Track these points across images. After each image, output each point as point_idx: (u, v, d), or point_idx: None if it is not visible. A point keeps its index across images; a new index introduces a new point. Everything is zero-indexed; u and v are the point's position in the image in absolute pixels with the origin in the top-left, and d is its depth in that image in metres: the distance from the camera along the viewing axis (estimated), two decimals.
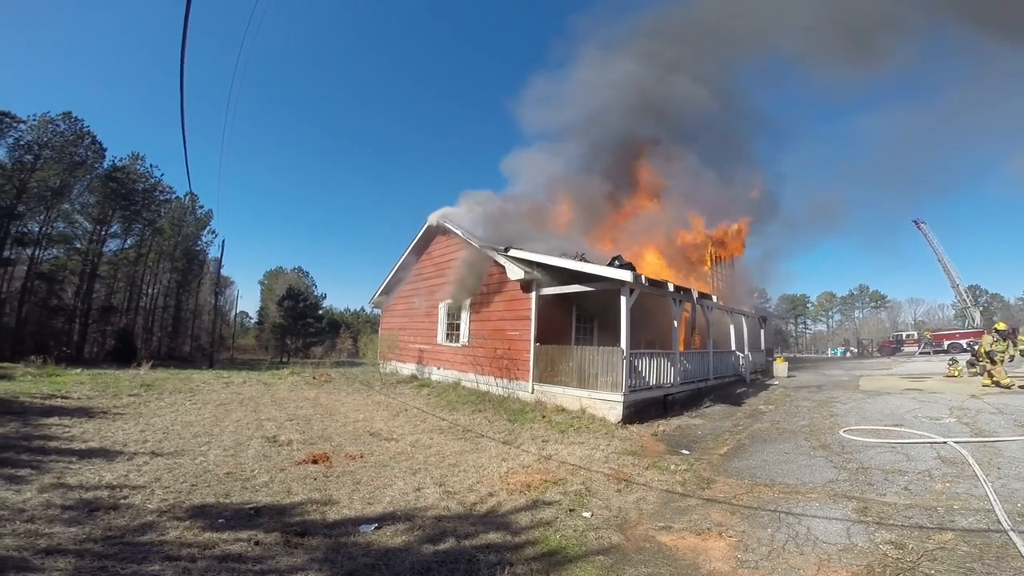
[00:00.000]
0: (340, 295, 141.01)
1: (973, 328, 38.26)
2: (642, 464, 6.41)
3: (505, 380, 11.61)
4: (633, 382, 9.69)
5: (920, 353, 36.40)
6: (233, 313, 59.07)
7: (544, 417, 9.33)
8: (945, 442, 6.68)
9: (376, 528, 4.18)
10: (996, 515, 4.10)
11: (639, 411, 9.58)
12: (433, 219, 15.42)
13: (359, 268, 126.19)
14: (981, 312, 46.68)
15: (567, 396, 10.19)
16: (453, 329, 14.60)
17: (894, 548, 3.69)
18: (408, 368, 16.34)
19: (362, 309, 58.32)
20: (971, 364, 16.12)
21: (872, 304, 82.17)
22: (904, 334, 44.31)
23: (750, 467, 6.26)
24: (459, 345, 13.91)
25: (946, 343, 35.30)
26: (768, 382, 16.70)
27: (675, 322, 11.47)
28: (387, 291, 18.93)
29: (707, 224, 18.88)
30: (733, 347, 16.28)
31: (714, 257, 18.83)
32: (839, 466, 6.03)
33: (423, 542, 3.93)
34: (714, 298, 14.04)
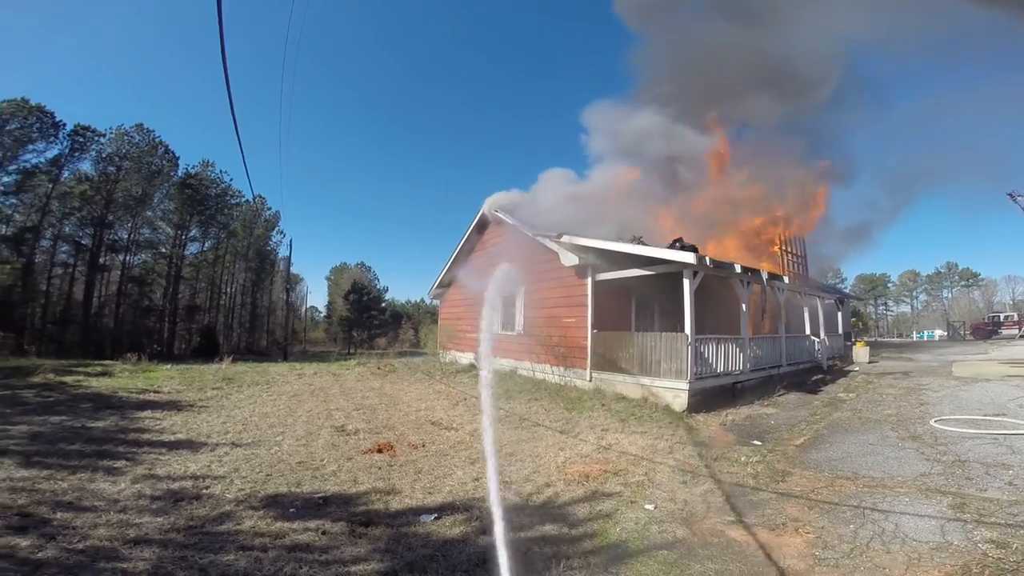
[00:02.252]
0: (401, 287, 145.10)
1: None
2: (710, 455, 6.15)
3: (561, 368, 11.51)
4: (699, 369, 9.33)
5: (1021, 336, 32.75)
6: (304, 308, 62.36)
7: (603, 405, 9.16)
8: None
9: (436, 518, 4.23)
10: None
11: (705, 399, 9.21)
12: (486, 208, 15.49)
13: (418, 259, 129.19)
14: None
15: (627, 384, 9.95)
16: (509, 318, 14.63)
17: (995, 547, 3.36)
18: (466, 357, 16.58)
19: (422, 300, 59.73)
20: None
21: (963, 283, 74.16)
22: (1002, 315, 39.98)
23: (830, 459, 5.86)
24: (515, 333, 13.93)
25: None
26: (848, 368, 15.63)
27: (743, 305, 10.93)
28: (444, 283, 19.25)
29: (779, 200, 17.80)
30: (808, 331, 15.33)
31: (784, 236, 17.69)
32: (932, 459, 5.56)
33: (479, 533, 3.93)
34: (785, 279, 13.28)
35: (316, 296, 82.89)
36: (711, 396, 9.43)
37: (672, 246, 10.34)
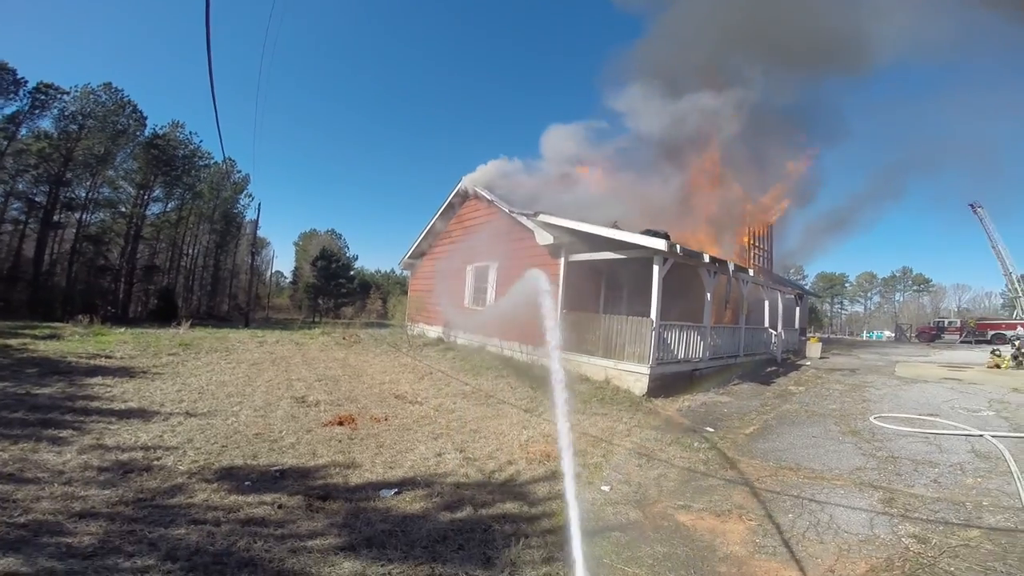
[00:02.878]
0: (371, 256, 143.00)
1: (1022, 319, 36.25)
2: (665, 440, 6.37)
3: (529, 347, 11.63)
4: (661, 354, 9.57)
5: (961, 342, 34.79)
6: (269, 273, 60.78)
7: (567, 387, 9.30)
8: (981, 435, 6.44)
9: (396, 493, 4.25)
10: None
11: (665, 385, 9.48)
12: (465, 182, 15.32)
13: (390, 229, 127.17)
14: None
15: (592, 365, 10.15)
16: (481, 293, 14.63)
17: (916, 542, 3.61)
18: (435, 331, 16.55)
19: (392, 271, 59.09)
20: (1015, 356, 15.35)
21: (915, 288, 78.18)
22: (946, 321, 42.23)
23: (776, 449, 6.15)
24: (485, 309, 13.95)
25: (990, 333, 33.58)
26: (800, 362, 16.28)
27: (708, 295, 11.21)
28: (416, 254, 19.08)
29: (749, 194, 18.15)
30: (766, 324, 15.86)
31: (752, 231, 18.14)
32: (868, 454, 5.89)
33: (441, 509, 3.99)
34: (750, 272, 13.64)
35: (283, 261, 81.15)
36: (670, 381, 9.71)
37: (645, 232, 10.47)
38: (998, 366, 15.11)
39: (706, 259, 10.49)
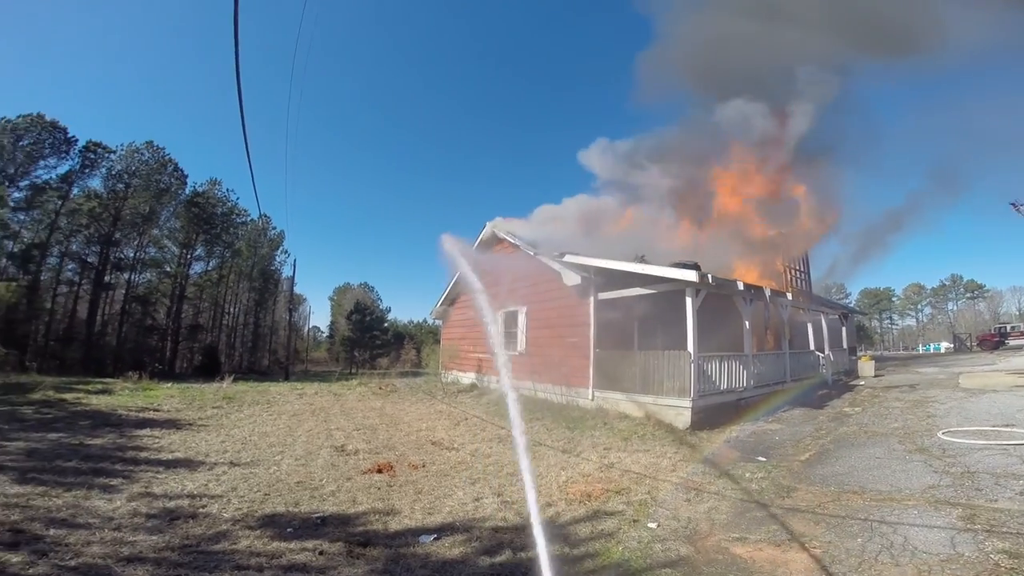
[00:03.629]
0: (403, 307, 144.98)
1: None
2: (713, 472, 6.09)
3: (564, 387, 11.44)
4: (702, 386, 9.27)
5: None
6: (306, 328, 62.37)
7: (605, 424, 9.08)
8: None
9: (435, 539, 4.17)
10: None
11: (709, 416, 9.12)
12: (489, 229, 15.59)
13: (421, 279, 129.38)
14: None
15: (630, 403, 9.87)
16: (510, 338, 14.61)
17: (1008, 557, 3.31)
18: (468, 377, 16.52)
19: (424, 320, 59.63)
20: None
21: (968, 295, 74.00)
22: (1009, 326, 39.62)
23: (836, 473, 5.79)
24: (516, 353, 13.89)
25: None
26: (853, 383, 15.46)
27: (746, 322, 10.92)
28: (447, 302, 19.28)
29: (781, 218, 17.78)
30: (812, 347, 15.24)
31: (788, 253, 17.68)
32: (940, 471, 5.49)
33: (480, 554, 3.88)
34: (788, 295, 13.25)
35: (319, 316, 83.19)
36: (715, 413, 9.34)
37: (675, 264, 10.35)
38: None
39: (740, 287, 10.27)
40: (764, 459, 6.70)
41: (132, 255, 32.98)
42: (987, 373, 15.96)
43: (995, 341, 36.32)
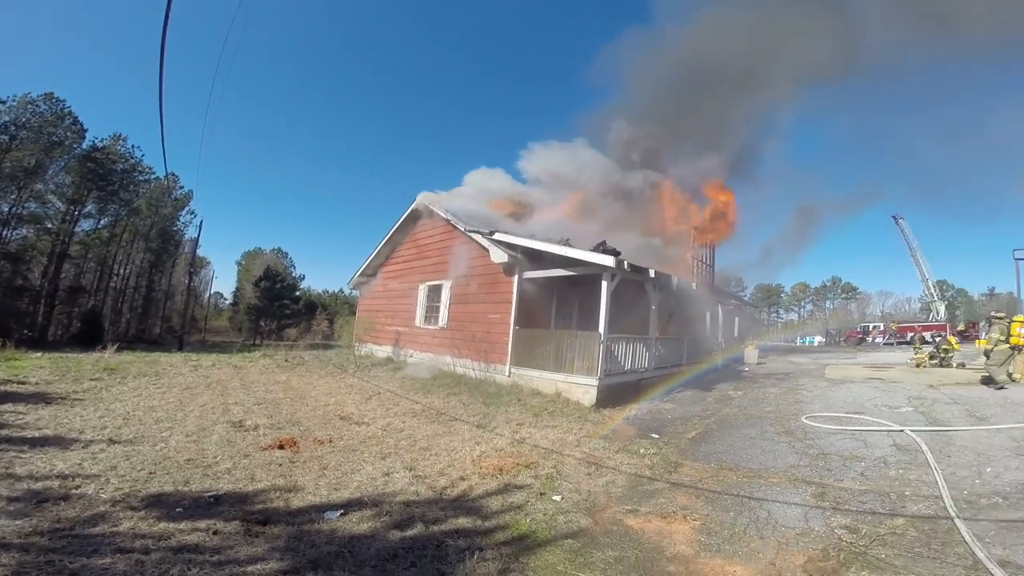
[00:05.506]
0: (319, 276, 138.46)
1: (937, 322, 39.70)
2: (612, 448, 6.48)
3: (482, 363, 11.59)
4: (608, 366, 9.77)
5: (884, 344, 37.74)
6: (207, 294, 57.71)
7: (519, 401, 9.35)
8: (902, 430, 6.86)
9: (342, 515, 4.12)
10: (944, 502, 4.24)
11: (613, 395, 9.67)
12: (420, 201, 15.25)
13: (340, 249, 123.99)
14: (946, 307, 48.30)
15: (543, 380, 10.22)
16: (432, 312, 14.52)
17: (848, 532, 3.79)
18: (384, 351, 16.22)
19: (341, 291, 57.28)
20: (932, 356, 16.65)
21: (843, 295, 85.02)
22: (870, 325, 45.82)
23: (716, 451, 6.37)
24: (437, 327, 13.84)
25: (909, 335, 36.53)
26: (739, 368, 17.04)
27: (653, 307, 11.60)
28: (367, 272, 18.71)
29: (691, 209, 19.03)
30: (708, 333, 16.52)
31: (697, 244, 18.99)
32: (800, 452, 6.16)
33: (390, 528, 3.89)
34: (693, 285, 14.19)
35: (224, 282, 76.96)
36: (618, 392, 9.91)
37: (596, 249, 10.72)
38: (919, 365, 16.33)
39: (652, 274, 10.86)
40: (657, 436, 7.24)
41: (7, 210, 28.62)
42: (848, 366, 18.24)
43: (858, 338, 42.00)
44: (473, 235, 12.29)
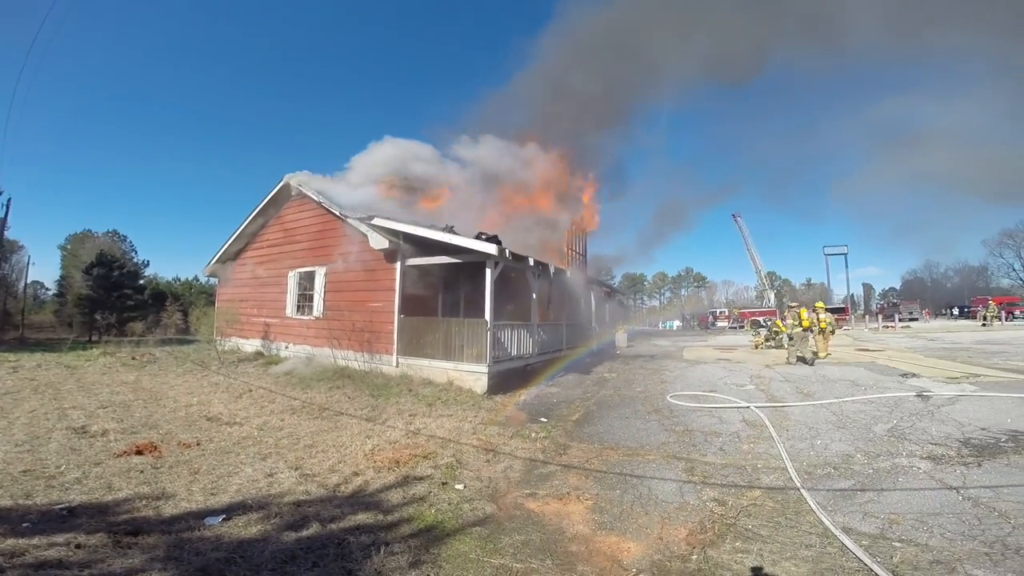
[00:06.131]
0: (169, 263, 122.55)
1: (768, 308, 46.50)
2: (507, 433, 6.68)
3: (367, 354, 11.21)
4: (497, 353, 10.04)
5: (729, 328, 43.46)
6: (22, 284, 48.05)
7: (410, 391, 9.24)
8: (748, 407, 7.93)
9: (225, 519, 3.84)
10: (790, 473, 4.91)
11: (503, 381, 9.97)
12: (290, 181, 14.10)
13: (194, 231, 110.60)
14: (775, 294, 56.73)
15: (434, 368, 10.20)
16: (306, 301, 13.65)
17: (718, 505, 4.22)
18: (252, 345, 14.93)
19: (196, 279, 51.01)
20: (767, 338, 19.51)
21: (696, 284, 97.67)
22: (717, 311, 52.56)
23: (598, 432, 6.85)
24: (312, 318, 13.06)
25: (747, 320, 42.50)
26: (612, 352, 18.50)
27: (534, 295, 12.09)
28: (226, 257, 16.88)
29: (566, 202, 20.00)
30: (583, 319, 17.62)
31: (571, 235, 20.08)
32: (669, 429, 6.83)
33: (283, 530, 3.69)
34: (568, 273, 14.98)
35: (44, 270, 64.54)
36: (507, 378, 10.25)
37: (478, 237, 10.86)
38: (757, 346, 19.02)
39: (531, 262, 11.29)
40: (546, 420, 7.62)
41: None
42: (701, 348, 20.69)
43: (708, 322, 47.95)
44: (350, 220, 11.74)
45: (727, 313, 49.88)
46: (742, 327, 40.60)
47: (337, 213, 12.27)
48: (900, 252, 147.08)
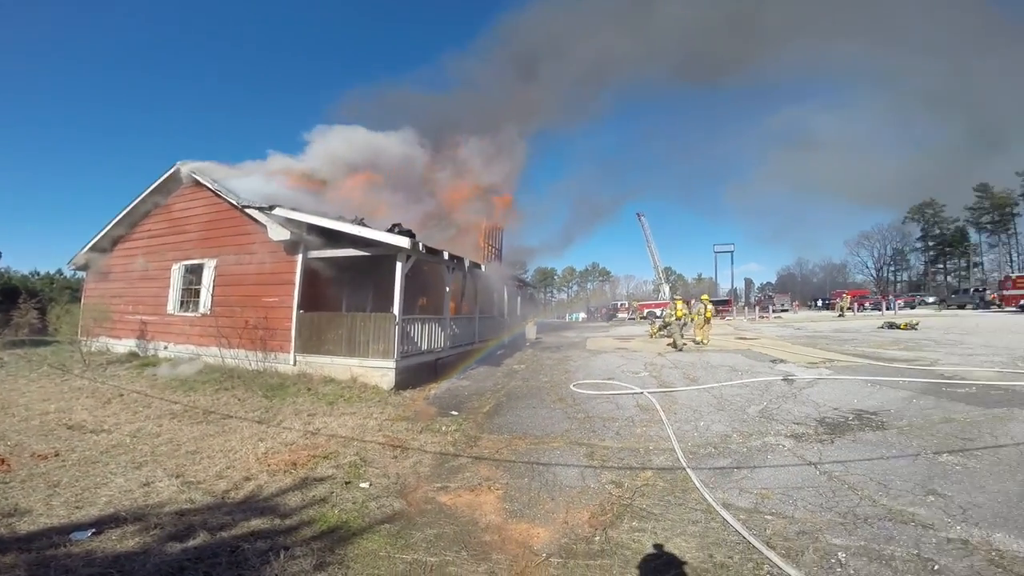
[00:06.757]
0: (25, 254, 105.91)
1: (664, 300, 49.97)
2: (416, 428, 6.59)
3: (260, 353, 10.42)
4: (405, 348, 9.83)
5: (629, 319, 46.27)
6: None
7: (310, 389, 8.77)
8: (642, 392, 8.41)
9: (95, 534, 3.49)
10: (677, 454, 5.28)
11: (412, 376, 9.79)
12: (182, 168, 12.75)
13: (57, 220, 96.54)
14: (670, 288, 61.14)
15: (336, 366, 9.76)
16: (191, 296, 12.43)
17: (615, 487, 4.44)
18: (125, 345, 13.33)
19: (59, 272, 44.52)
20: (661, 328, 20.95)
21: (600, 278, 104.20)
22: (619, 303, 55.70)
23: (508, 423, 6.97)
24: (199, 315, 11.93)
25: (645, 311, 45.50)
26: (522, 344, 18.87)
27: (447, 288, 12.00)
28: (101, 248, 14.90)
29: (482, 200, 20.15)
30: (496, 312, 17.81)
31: (486, 230, 20.20)
32: (572, 416, 7.10)
33: (166, 541, 3.40)
34: (483, 267, 15.06)
35: None
36: (417, 373, 10.09)
37: (391, 230, 10.55)
38: (653, 336, 20.34)
39: (446, 256, 11.20)
40: (456, 413, 7.60)
41: None
42: (603, 338, 21.72)
43: (610, 313, 50.71)
44: (249, 209, 10.87)
45: (627, 305, 53.03)
46: (644, 318, 43.28)
47: (234, 202, 11.29)
48: (778, 249, 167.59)
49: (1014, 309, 27.98)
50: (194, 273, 12.43)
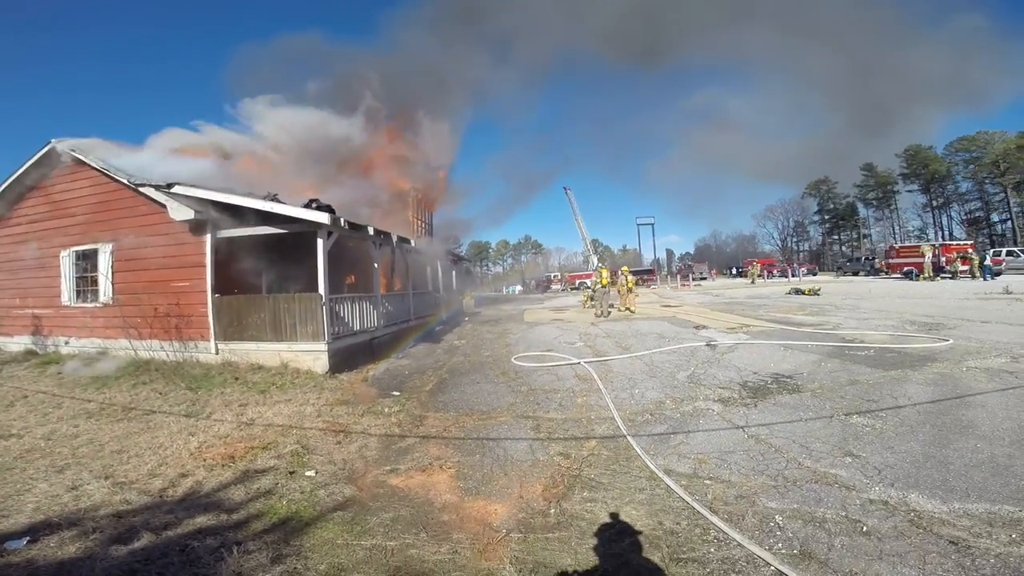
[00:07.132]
0: None
1: (593, 271, 51.73)
2: (357, 412, 6.47)
3: (177, 343, 9.64)
4: (337, 329, 9.54)
5: (562, 290, 47.62)
6: None
7: (237, 379, 8.32)
8: (579, 363, 8.69)
9: (31, 542, 3.28)
10: (617, 423, 5.47)
11: (347, 358, 9.53)
12: (57, 146, 11.25)
13: None
14: (598, 259, 62.98)
15: (263, 352, 9.28)
16: (88, 285, 11.21)
17: (563, 459, 4.56)
18: (19, 343, 11.89)
19: None
20: (591, 298, 21.71)
21: (533, 251, 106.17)
22: (552, 275, 57.00)
23: (453, 400, 7.01)
24: (100, 305, 10.81)
25: (576, 283, 46.92)
26: (461, 319, 18.86)
27: (376, 265, 11.71)
28: None
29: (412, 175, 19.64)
30: (431, 288, 17.60)
31: (417, 205, 19.74)
32: (516, 390, 7.23)
33: (109, 544, 3.23)
34: (412, 242, 14.75)
35: None
36: (352, 354, 9.83)
37: (308, 206, 10.02)
38: (584, 306, 21.04)
39: (371, 231, 10.85)
40: (399, 393, 7.52)
41: None
42: (539, 310, 22.17)
43: (545, 285, 52.11)
44: (144, 188, 9.86)
45: (560, 277, 54.40)
46: (576, 289, 44.48)
47: (126, 181, 10.18)
48: (694, 222, 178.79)
49: (899, 276, 31.38)
50: (88, 259, 11.20)
